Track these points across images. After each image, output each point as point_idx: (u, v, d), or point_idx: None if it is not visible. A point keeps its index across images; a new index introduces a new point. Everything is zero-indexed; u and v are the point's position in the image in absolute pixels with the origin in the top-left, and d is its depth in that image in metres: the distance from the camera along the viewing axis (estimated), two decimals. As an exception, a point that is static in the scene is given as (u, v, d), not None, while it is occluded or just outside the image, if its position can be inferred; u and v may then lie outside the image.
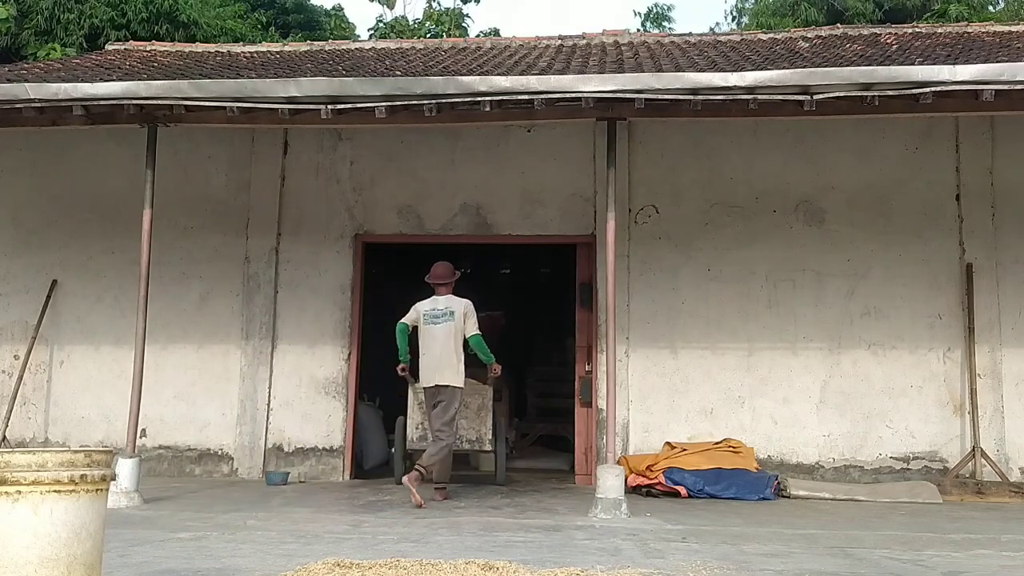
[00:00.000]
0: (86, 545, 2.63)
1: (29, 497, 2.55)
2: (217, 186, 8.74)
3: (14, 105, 6.69)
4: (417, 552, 4.24)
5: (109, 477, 2.76)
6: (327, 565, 3.77)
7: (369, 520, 5.60)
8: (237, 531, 5.07)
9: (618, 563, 4.06)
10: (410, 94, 6.43)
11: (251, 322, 8.44)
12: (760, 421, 7.94)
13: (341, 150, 8.72)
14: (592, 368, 8.17)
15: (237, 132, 8.40)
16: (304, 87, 6.48)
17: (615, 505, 5.90)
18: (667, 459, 7.40)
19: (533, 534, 5.07)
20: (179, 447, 8.34)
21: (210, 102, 6.58)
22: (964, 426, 7.77)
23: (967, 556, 4.49)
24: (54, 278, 8.66)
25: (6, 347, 8.68)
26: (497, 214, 8.52)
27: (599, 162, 8.18)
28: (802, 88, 6.13)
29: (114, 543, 4.14)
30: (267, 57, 9.53)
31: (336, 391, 8.34)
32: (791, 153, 8.28)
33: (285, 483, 7.71)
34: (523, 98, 6.34)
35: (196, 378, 8.44)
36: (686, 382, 8.07)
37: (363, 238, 8.61)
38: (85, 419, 8.46)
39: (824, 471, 7.80)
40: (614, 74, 6.49)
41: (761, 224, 8.21)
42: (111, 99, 6.61)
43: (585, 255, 8.41)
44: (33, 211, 8.85)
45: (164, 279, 8.19)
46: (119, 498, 5.97)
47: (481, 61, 8.35)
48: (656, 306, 8.18)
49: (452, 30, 20.63)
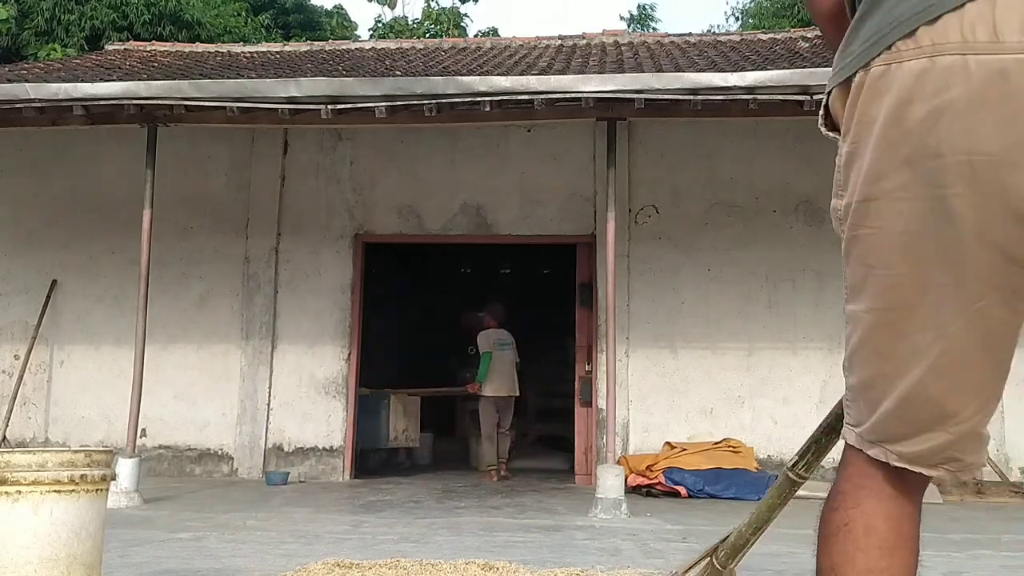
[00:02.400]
0: (86, 545, 2.64)
1: (29, 497, 2.55)
2: (217, 186, 8.74)
3: (14, 105, 6.69)
4: (417, 552, 4.24)
5: (109, 477, 2.76)
6: (327, 565, 3.77)
7: (369, 520, 5.60)
8: (237, 531, 5.07)
9: (618, 563, 4.06)
10: (410, 94, 6.43)
11: (251, 322, 8.44)
12: (760, 421, 7.94)
13: (341, 150, 8.72)
14: (592, 368, 8.17)
15: (237, 132, 8.39)
16: (304, 87, 6.48)
17: (615, 505, 5.90)
18: (667, 459, 7.40)
19: (533, 534, 5.07)
20: (179, 447, 8.34)
21: (210, 102, 6.58)
22: (964, 426, 7.77)
23: (967, 556, 4.49)
24: (54, 278, 8.67)
25: (6, 347, 8.69)
26: (497, 214, 8.52)
27: (599, 162, 8.18)
28: (802, 88, 6.13)
29: (114, 543, 4.14)
30: (267, 57, 9.54)
31: (336, 391, 8.34)
32: (791, 153, 8.28)
33: (285, 483, 7.71)
34: (523, 98, 6.34)
35: (196, 378, 8.44)
36: (686, 382, 8.07)
37: (363, 238, 8.61)
38: (85, 419, 8.46)
39: (824, 471, 7.76)
40: (614, 74, 6.49)
41: (761, 224, 8.21)
42: (111, 99, 6.61)
43: (585, 255, 8.41)
44: (33, 211, 8.85)
45: (164, 279, 8.19)
46: (119, 498, 5.97)
47: (481, 61, 8.36)
48: (656, 306, 8.18)
49: (451, 30, 20.63)
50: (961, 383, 1.14)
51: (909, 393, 1.16)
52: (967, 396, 1.14)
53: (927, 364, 1.13)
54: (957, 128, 1.03)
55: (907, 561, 1.17)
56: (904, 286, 1.13)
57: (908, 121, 1.06)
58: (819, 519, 1.24)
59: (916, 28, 1.05)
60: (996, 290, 1.08)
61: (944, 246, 1.08)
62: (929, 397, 1.15)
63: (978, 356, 1.12)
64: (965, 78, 1.01)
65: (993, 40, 0.99)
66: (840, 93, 1.18)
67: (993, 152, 1.01)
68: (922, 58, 1.04)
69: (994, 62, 0.99)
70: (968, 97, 1.01)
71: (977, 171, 1.03)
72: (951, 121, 1.03)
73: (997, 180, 1.02)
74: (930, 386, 1.14)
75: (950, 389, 1.14)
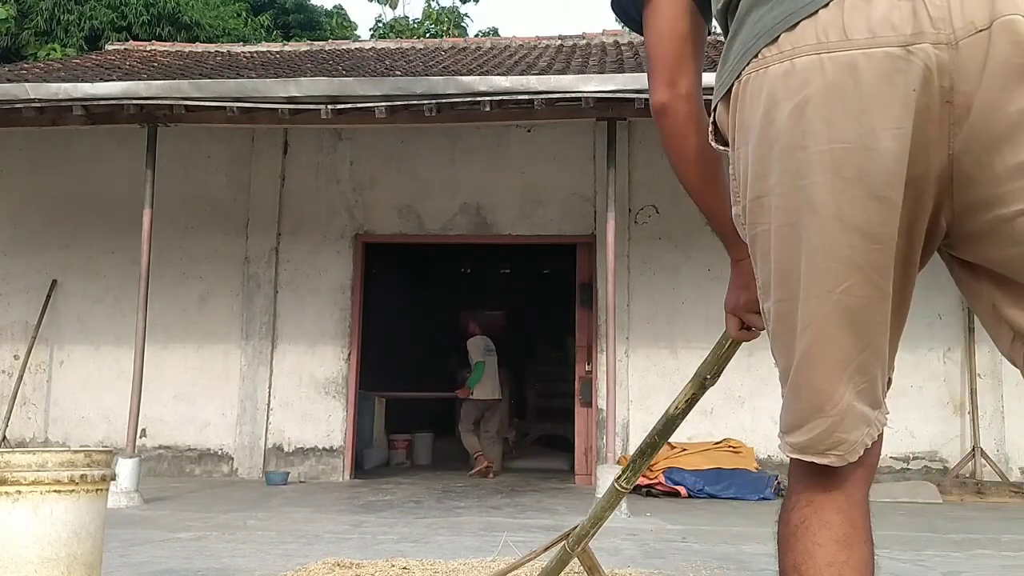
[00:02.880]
0: (86, 545, 2.64)
1: (29, 497, 2.55)
2: (217, 186, 8.74)
3: (14, 105, 6.68)
4: (417, 552, 4.24)
5: (109, 477, 2.76)
6: (327, 565, 3.77)
7: (369, 520, 5.60)
8: (237, 531, 5.07)
9: (618, 563, 4.06)
10: (410, 94, 6.43)
11: (251, 322, 8.44)
12: (760, 421, 7.93)
13: (341, 150, 8.72)
14: (592, 368, 8.17)
15: (237, 132, 8.39)
16: (304, 87, 6.48)
17: (615, 505, 5.90)
18: (667, 459, 7.40)
19: (533, 534, 5.07)
20: (179, 447, 8.34)
21: (210, 102, 6.58)
22: (964, 426, 7.78)
23: (967, 556, 4.49)
24: (54, 278, 8.67)
25: (6, 347, 8.69)
26: (497, 214, 8.53)
27: (599, 162, 8.18)
28: (802, 88, 6.12)
29: (114, 543, 4.14)
30: (267, 57, 9.55)
31: (336, 391, 8.34)
32: (791, 153, 8.27)
33: (285, 483, 7.71)
34: (523, 98, 6.34)
35: (196, 378, 8.44)
36: (686, 382, 8.05)
37: (363, 238, 8.61)
38: (85, 419, 8.46)
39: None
40: (614, 74, 6.49)
41: (761, 224, 8.20)
42: (111, 99, 6.61)
43: (585, 255, 8.41)
44: (33, 211, 8.85)
45: (164, 279, 8.19)
46: (119, 498, 5.97)
47: (481, 61, 8.36)
48: (656, 306, 8.18)
49: (451, 29, 20.63)
50: (833, 366, 1.20)
51: (793, 381, 1.24)
52: (840, 377, 1.20)
53: (802, 350, 1.21)
54: (817, 120, 1.12)
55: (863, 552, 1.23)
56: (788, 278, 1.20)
57: (778, 120, 1.15)
58: (777, 521, 1.29)
59: (778, 36, 1.16)
60: (858, 270, 1.15)
61: (810, 235, 1.16)
62: (808, 383, 1.22)
63: (847, 337, 1.19)
64: (821, 73, 1.11)
65: (843, 39, 1.10)
66: (723, 107, 1.28)
67: (850, 139, 1.11)
68: (784, 61, 1.15)
69: (843, 57, 1.10)
70: (824, 90, 1.11)
71: (837, 158, 1.12)
72: (812, 114, 1.12)
73: (855, 165, 1.11)
74: (807, 372, 1.21)
75: (824, 373, 1.20)
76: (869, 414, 1.25)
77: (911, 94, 1.09)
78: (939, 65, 1.08)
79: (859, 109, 1.10)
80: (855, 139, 1.11)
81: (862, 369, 1.21)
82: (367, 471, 8.82)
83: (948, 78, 1.08)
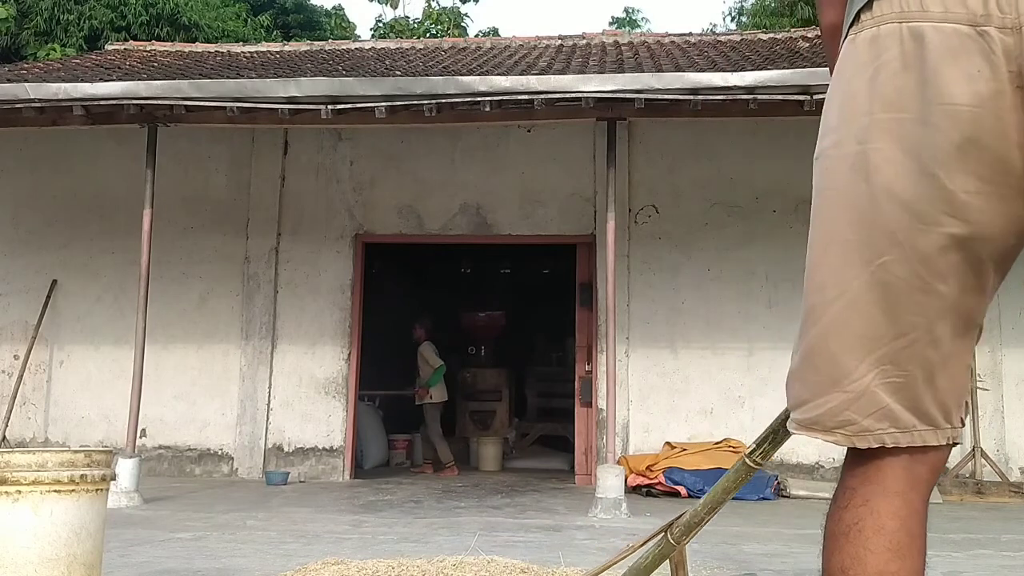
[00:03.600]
0: (86, 545, 2.64)
1: (29, 497, 2.55)
2: (217, 186, 8.74)
3: (14, 105, 6.69)
4: (417, 552, 4.24)
5: (109, 477, 2.76)
6: (327, 565, 3.76)
7: (369, 520, 5.60)
8: (237, 531, 5.07)
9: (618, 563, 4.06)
10: (410, 94, 6.43)
11: (251, 322, 8.44)
12: (760, 421, 7.92)
13: (341, 150, 8.72)
14: (592, 368, 8.17)
15: (237, 132, 8.39)
16: (304, 87, 6.48)
17: (615, 505, 5.90)
18: (667, 459, 7.40)
19: (533, 534, 5.07)
20: (179, 447, 8.34)
21: (210, 102, 6.59)
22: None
23: (967, 556, 4.49)
24: (54, 278, 8.66)
25: (6, 347, 8.68)
26: (497, 214, 8.52)
27: (599, 162, 8.18)
28: (802, 88, 6.13)
29: (114, 543, 4.14)
30: (267, 57, 9.54)
31: (336, 391, 8.34)
32: (791, 153, 8.26)
33: (285, 483, 7.71)
34: (523, 98, 6.34)
35: (196, 378, 8.44)
36: (686, 382, 8.07)
37: (363, 238, 8.61)
38: (85, 419, 8.46)
39: (824, 471, 7.80)
40: (614, 74, 6.49)
41: (761, 224, 8.21)
42: (111, 99, 6.61)
43: (585, 255, 8.41)
44: (33, 211, 8.85)
45: (164, 279, 8.18)
46: (119, 498, 5.97)
47: (481, 61, 8.36)
48: (656, 306, 8.17)
49: (451, 29, 20.63)
50: (859, 339, 1.17)
51: (813, 347, 1.21)
52: (864, 354, 1.17)
53: (828, 318, 1.19)
54: (887, 86, 1.14)
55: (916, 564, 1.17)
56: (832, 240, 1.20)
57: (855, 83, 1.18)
58: (827, 517, 1.23)
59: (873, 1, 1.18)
60: (898, 246, 1.14)
61: (856, 201, 1.16)
62: (828, 352, 1.19)
63: (879, 314, 1.16)
64: (898, 41, 1.14)
65: (920, 9, 1.12)
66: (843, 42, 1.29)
67: (912, 110, 1.12)
68: (873, 27, 1.17)
69: (916, 28, 1.12)
70: (897, 58, 1.13)
71: (899, 127, 1.13)
72: (885, 80, 1.14)
73: (913, 136, 1.12)
74: (831, 339, 1.19)
75: (848, 344, 1.17)
76: (901, 415, 1.18)
77: (976, 75, 1.08)
78: (1005, 49, 1.07)
79: (921, 81, 1.11)
80: (917, 111, 1.11)
81: (895, 359, 1.16)
82: (367, 471, 8.82)
83: (1015, 63, 1.07)
